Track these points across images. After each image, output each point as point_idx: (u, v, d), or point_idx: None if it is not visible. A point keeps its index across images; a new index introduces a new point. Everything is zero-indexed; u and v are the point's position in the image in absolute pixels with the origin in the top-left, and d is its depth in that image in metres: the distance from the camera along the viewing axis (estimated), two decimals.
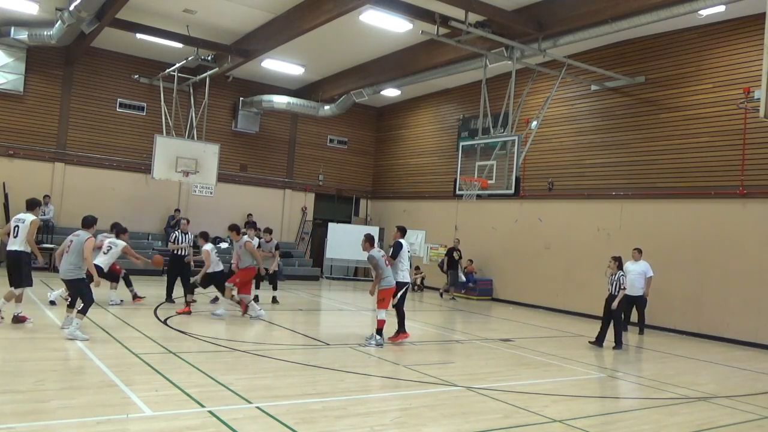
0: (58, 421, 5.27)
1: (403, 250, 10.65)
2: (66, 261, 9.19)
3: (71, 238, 9.28)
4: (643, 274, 13.36)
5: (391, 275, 10.27)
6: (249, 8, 15.53)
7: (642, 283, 13.32)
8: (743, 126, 13.63)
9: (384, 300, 10.13)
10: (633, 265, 13.40)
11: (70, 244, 9.24)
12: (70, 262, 9.10)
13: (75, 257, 9.07)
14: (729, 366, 10.82)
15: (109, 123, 20.27)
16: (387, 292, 10.16)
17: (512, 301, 18.55)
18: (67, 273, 9.12)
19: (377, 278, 10.14)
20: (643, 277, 13.35)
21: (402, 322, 10.59)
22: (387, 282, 10.15)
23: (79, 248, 9.05)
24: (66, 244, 9.38)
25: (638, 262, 13.50)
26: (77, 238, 9.17)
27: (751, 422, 7.07)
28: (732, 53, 14.04)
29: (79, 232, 9.25)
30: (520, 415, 6.59)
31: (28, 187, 18.59)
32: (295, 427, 5.56)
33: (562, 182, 17.56)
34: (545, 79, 17.20)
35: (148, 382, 6.81)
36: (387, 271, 10.17)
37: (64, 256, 9.29)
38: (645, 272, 13.40)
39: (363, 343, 10.14)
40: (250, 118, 22.56)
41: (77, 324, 8.86)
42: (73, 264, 9.08)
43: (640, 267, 13.42)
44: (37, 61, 18.99)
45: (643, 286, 13.34)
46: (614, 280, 11.65)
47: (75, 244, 9.13)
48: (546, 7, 13.64)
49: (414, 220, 22.03)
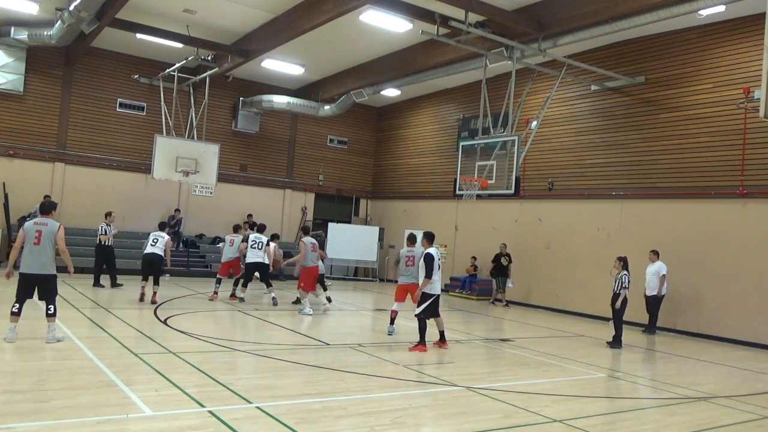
0: (58, 421, 5.27)
1: (435, 263, 9.88)
2: (42, 255, 8.37)
3: (38, 228, 8.43)
4: (657, 273, 13.77)
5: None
6: (249, 8, 15.54)
7: (656, 283, 13.74)
8: (743, 126, 13.63)
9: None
10: (650, 266, 13.90)
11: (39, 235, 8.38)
12: (48, 256, 8.38)
13: (51, 251, 8.40)
14: (729, 366, 10.82)
15: (109, 123, 20.28)
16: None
17: (512, 301, 18.55)
18: (42, 268, 8.37)
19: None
20: (657, 277, 13.75)
21: (423, 334, 10.02)
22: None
23: (51, 240, 8.39)
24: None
25: (654, 264, 13.89)
26: (46, 227, 8.44)
27: (751, 422, 7.07)
28: (732, 53, 14.04)
29: (45, 220, 8.54)
30: (520, 415, 6.59)
31: (29, 188, 18.64)
32: (295, 426, 5.56)
33: (562, 182, 17.57)
34: (545, 79, 17.20)
35: (148, 381, 6.81)
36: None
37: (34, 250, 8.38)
38: (659, 272, 13.79)
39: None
40: (250, 118, 22.56)
41: (53, 328, 8.49)
42: (50, 258, 8.39)
43: (655, 267, 13.84)
44: (37, 61, 19.00)
45: (656, 286, 13.73)
46: (617, 280, 11.68)
47: (45, 235, 8.37)
48: (546, 7, 13.64)
49: (414, 221, 22.03)
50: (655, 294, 13.81)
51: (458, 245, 20.68)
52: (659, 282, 13.77)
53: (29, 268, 8.33)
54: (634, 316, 14.37)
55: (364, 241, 22.78)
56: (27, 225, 8.55)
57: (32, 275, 8.34)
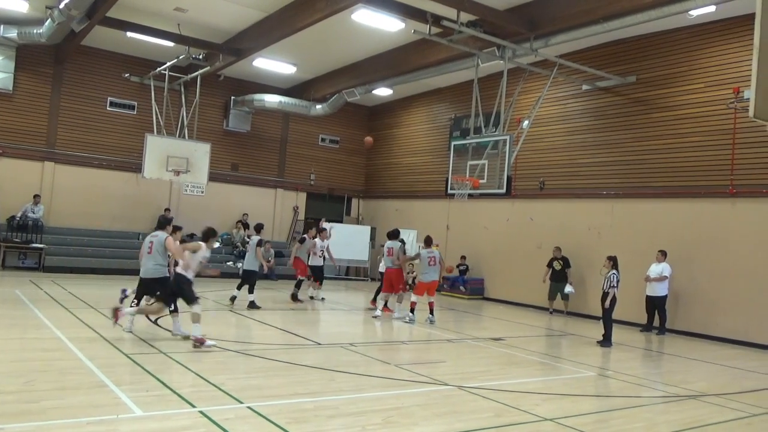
0: (48, 422, 5.24)
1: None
2: (151, 261, 9.66)
3: (150, 239, 9.77)
4: (659, 273, 13.85)
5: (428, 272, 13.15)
6: (241, 7, 15.48)
7: (660, 284, 13.82)
8: (733, 126, 13.71)
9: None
10: (654, 266, 13.96)
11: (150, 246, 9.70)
12: (157, 262, 9.62)
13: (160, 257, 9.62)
14: (719, 364, 10.89)
15: (100, 122, 20.17)
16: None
17: (503, 300, 18.59)
18: (150, 272, 9.65)
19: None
20: (659, 277, 13.84)
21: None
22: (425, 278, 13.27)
23: (161, 249, 9.56)
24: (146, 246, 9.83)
25: (659, 264, 13.95)
26: (156, 238, 9.66)
27: (740, 420, 7.12)
28: (722, 53, 14.11)
29: (157, 233, 9.76)
30: (511, 413, 6.60)
31: (18, 187, 18.51)
32: (286, 426, 5.55)
33: (553, 181, 17.62)
34: (537, 78, 17.23)
35: (138, 382, 6.78)
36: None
37: (146, 257, 9.74)
38: (662, 272, 13.86)
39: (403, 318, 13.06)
40: (242, 117, 22.49)
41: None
42: (159, 264, 9.64)
43: (659, 268, 13.90)
44: (27, 60, 18.86)
45: (657, 285, 13.84)
46: (606, 278, 11.73)
47: (155, 245, 9.62)
48: (538, 7, 13.67)
49: (406, 220, 22.04)
50: (660, 295, 13.85)
51: (450, 244, 20.69)
52: (660, 282, 13.81)
53: (143, 273, 9.79)
54: (631, 316, 14.48)
55: (356, 241, 22.75)
56: (145, 239, 10.10)
57: (145, 279, 9.76)
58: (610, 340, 11.78)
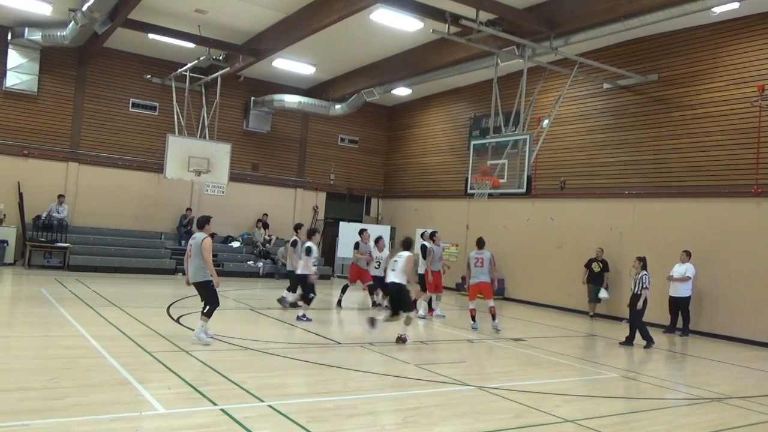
0: (72, 419, 5.32)
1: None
2: (192, 265, 9.11)
3: (190, 242, 9.28)
4: (683, 274, 13.65)
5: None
6: (260, 8, 15.58)
7: (683, 284, 13.62)
8: (757, 124, 13.49)
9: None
10: (678, 267, 13.75)
11: (190, 248, 9.17)
12: (195, 266, 9.05)
13: (198, 260, 9.01)
14: (743, 366, 10.73)
15: (122, 123, 20.41)
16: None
17: (524, 301, 18.49)
18: (195, 276, 9.09)
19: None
20: (682, 277, 13.65)
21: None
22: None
23: (198, 251, 8.99)
24: (189, 248, 9.28)
25: (683, 264, 13.74)
26: (194, 240, 9.14)
27: (765, 423, 7.01)
28: (745, 51, 13.90)
29: (195, 235, 9.29)
30: (531, 414, 6.57)
31: (42, 187, 18.81)
32: (306, 425, 5.58)
33: (574, 181, 17.48)
34: (557, 77, 17.12)
35: (161, 380, 6.85)
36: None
37: (190, 261, 9.16)
38: (685, 273, 13.65)
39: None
40: (262, 118, 22.62)
41: (202, 326, 8.98)
42: (198, 267, 9.02)
43: (683, 269, 13.68)
44: (51, 62, 19.15)
45: (680, 286, 13.64)
46: (637, 280, 11.61)
47: (194, 248, 9.08)
48: (557, 5, 13.57)
49: (425, 219, 22.02)
50: (683, 296, 13.65)
51: (469, 244, 20.60)
52: (683, 283, 13.61)
53: (189, 277, 9.19)
54: (654, 317, 14.29)
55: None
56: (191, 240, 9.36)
57: (192, 283, 9.18)
58: (651, 339, 11.67)
